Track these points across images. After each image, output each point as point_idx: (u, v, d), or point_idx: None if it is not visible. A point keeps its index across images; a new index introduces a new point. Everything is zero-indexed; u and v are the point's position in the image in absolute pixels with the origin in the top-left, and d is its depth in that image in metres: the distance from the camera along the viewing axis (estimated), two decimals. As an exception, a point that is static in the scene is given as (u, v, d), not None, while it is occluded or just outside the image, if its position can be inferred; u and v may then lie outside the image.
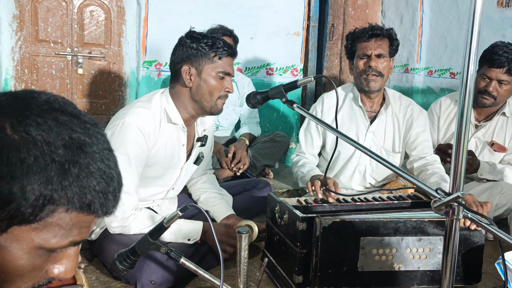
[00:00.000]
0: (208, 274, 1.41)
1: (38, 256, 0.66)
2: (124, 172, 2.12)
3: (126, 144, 1.86)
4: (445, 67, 3.93)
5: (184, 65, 1.93)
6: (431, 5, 4.04)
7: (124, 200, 1.87)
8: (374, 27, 2.43)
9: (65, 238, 0.66)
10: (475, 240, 1.83)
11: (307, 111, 1.58)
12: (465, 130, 1.13)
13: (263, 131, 3.75)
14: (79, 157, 0.64)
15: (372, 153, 1.38)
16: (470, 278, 1.85)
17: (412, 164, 2.53)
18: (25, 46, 3.38)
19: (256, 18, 3.96)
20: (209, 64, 1.92)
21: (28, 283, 0.68)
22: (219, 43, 1.92)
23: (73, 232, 0.66)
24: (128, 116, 1.88)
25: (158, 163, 2.00)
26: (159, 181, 2.08)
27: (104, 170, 0.67)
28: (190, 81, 1.94)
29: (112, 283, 1.87)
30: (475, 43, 1.09)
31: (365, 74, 2.42)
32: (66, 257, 0.70)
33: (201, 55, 1.91)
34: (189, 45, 1.93)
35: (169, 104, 1.98)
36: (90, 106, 3.65)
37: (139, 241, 1.43)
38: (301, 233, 1.69)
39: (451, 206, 1.15)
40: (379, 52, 2.41)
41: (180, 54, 1.95)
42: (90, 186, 0.65)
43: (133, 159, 1.87)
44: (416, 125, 2.53)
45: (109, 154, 0.69)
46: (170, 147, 2.01)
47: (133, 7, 3.63)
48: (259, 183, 2.68)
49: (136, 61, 3.69)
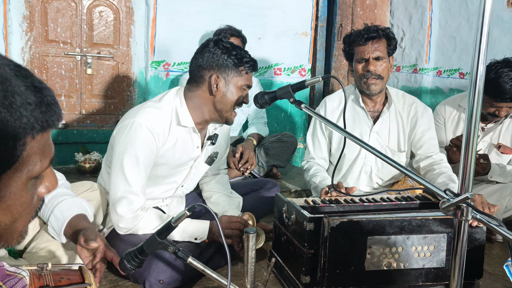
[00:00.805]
0: (216, 273, 1.42)
1: (31, 186, 0.74)
2: (132, 173, 2.12)
3: (135, 144, 1.87)
4: (454, 67, 3.91)
5: (214, 74, 1.95)
6: (440, 5, 4.02)
7: (131, 200, 1.89)
8: (369, 29, 2.39)
9: (44, 160, 0.73)
10: (477, 237, 1.85)
11: (315, 111, 1.58)
12: (474, 131, 1.13)
13: (271, 131, 3.75)
14: (11, 87, 0.67)
15: (378, 152, 1.38)
16: (472, 274, 1.87)
17: (418, 163, 2.52)
18: (35, 46, 3.41)
19: (264, 18, 3.96)
20: (237, 77, 1.96)
21: (32, 213, 0.77)
22: (247, 57, 1.98)
23: (46, 152, 0.73)
24: (138, 116, 1.89)
25: (167, 163, 2.01)
26: (168, 179, 2.09)
27: (35, 85, 0.71)
28: (217, 90, 1.96)
29: (120, 282, 1.88)
30: (485, 43, 1.08)
31: (364, 78, 2.40)
32: (47, 176, 0.78)
33: (231, 67, 1.95)
34: (219, 55, 1.95)
35: (182, 106, 1.99)
36: (98, 106, 3.67)
37: (147, 241, 1.43)
38: (309, 234, 1.69)
39: (459, 207, 1.14)
40: (377, 55, 2.38)
41: (210, 61, 1.95)
42: (36, 105, 0.69)
43: (142, 160, 1.88)
44: (421, 123, 2.51)
45: (26, 72, 0.73)
46: (182, 149, 2.01)
47: (142, 8, 3.65)
48: (266, 183, 2.68)
49: (145, 61, 3.71)
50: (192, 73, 2.00)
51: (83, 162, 3.26)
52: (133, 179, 1.88)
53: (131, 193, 1.88)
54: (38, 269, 1.21)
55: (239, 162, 3.07)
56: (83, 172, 3.26)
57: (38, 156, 0.71)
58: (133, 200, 1.88)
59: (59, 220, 1.62)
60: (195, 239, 1.99)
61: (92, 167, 3.27)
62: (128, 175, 1.87)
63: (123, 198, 1.88)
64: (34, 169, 0.71)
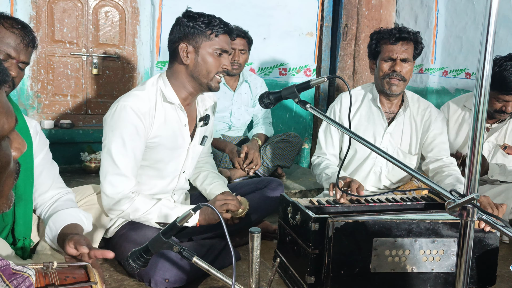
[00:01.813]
0: (220, 273, 1.42)
1: (5, 147, 0.77)
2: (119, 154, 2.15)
3: (120, 126, 1.88)
4: (460, 68, 3.89)
5: (181, 43, 1.96)
6: (446, 5, 4.00)
7: (119, 181, 1.89)
8: (401, 30, 2.38)
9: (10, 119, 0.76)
10: (490, 242, 1.82)
11: (320, 111, 1.57)
12: (480, 131, 1.12)
13: (276, 131, 3.75)
14: None
15: (387, 155, 1.37)
16: (485, 280, 1.84)
17: (427, 165, 2.51)
18: (42, 46, 3.43)
19: (270, 18, 3.96)
20: (206, 42, 1.95)
21: (13, 175, 0.82)
22: (215, 21, 1.95)
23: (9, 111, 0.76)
24: (123, 99, 1.92)
25: (161, 143, 2.01)
26: (168, 167, 2.09)
27: None
28: (187, 58, 1.96)
29: (126, 281, 1.89)
30: (491, 43, 1.08)
31: (388, 78, 2.40)
32: (14, 139, 0.81)
33: (198, 33, 1.94)
34: (185, 23, 1.96)
35: (166, 85, 2.01)
36: (104, 106, 3.68)
37: (152, 240, 1.44)
38: (314, 234, 1.69)
39: (465, 207, 1.14)
40: (404, 57, 2.37)
41: (177, 33, 1.97)
42: None
43: (128, 142, 1.89)
44: (433, 127, 2.51)
45: None
46: (171, 128, 2.02)
47: (147, 8, 3.66)
48: (271, 182, 2.67)
49: (150, 61, 3.72)
50: (169, 51, 2.03)
51: (88, 161, 3.28)
52: (121, 161, 1.89)
53: (119, 174, 1.89)
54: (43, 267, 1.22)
55: (244, 162, 3.08)
56: (89, 172, 3.28)
57: (3, 116, 0.74)
58: (121, 181, 1.89)
59: (52, 230, 1.64)
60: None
61: (97, 166, 3.28)
62: (116, 157, 1.89)
63: (112, 180, 1.89)
64: (3, 129, 0.74)
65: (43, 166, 1.74)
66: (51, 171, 1.79)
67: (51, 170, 1.80)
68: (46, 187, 1.75)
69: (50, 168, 1.79)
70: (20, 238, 1.64)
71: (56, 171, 1.83)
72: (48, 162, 1.78)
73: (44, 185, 1.74)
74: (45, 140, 1.79)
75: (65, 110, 3.58)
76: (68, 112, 3.59)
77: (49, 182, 1.77)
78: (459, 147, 2.86)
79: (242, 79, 3.40)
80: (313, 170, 2.63)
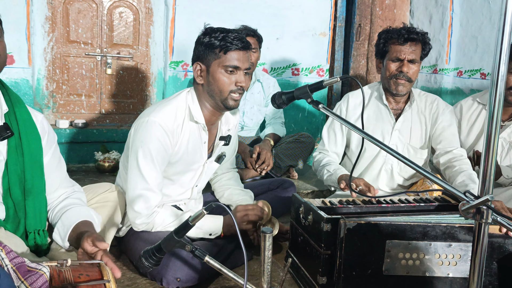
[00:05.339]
0: (232, 273, 1.42)
1: None
2: (148, 169, 2.15)
3: (149, 142, 1.89)
4: (475, 68, 3.84)
5: (196, 63, 1.97)
6: (461, 4, 3.95)
7: (148, 197, 1.91)
8: (410, 31, 2.36)
9: None
10: (510, 248, 1.75)
11: (333, 112, 1.57)
12: (495, 132, 1.11)
13: (288, 131, 3.74)
14: None
15: (397, 154, 1.36)
16: (505, 286, 1.79)
17: (438, 158, 2.49)
18: (57, 47, 3.47)
19: (284, 18, 3.96)
20: (215, 60, 1.93)
21: None
22: (228, 37, 1.90)
23: None
24: (153, 114, 1.92)
25: (181, 159, 2.03)
26: (183, 178, 2.10)
27: None
28: (201, 78, 1.97)
29: (138, 280, 1.90)
30: (506, 43, 1.06)
31: (395, 78, 2.39)
32: None
33: (208, 51, 1.93)
34: (200, 42, 1.96)
35: (194, 103, 2.01)
36: (118, 105, 3.72)
37: (164, 239, 1.45)
38: (326, 234, 1.68)
39: (479, 209, 1.13)
40: (412, 58, 2.36)
41: (195, 52, 2.00)
42: None
43: (156, 157, 1.91)
44: (442, 119, 2.50)
45: None
46: (192, 144, 2.03)
47: (161, 8, 3.68)
48: (283, 183, 2.67)
49: (163, 61, 3.74)
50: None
51: (102, 161, 3.31)
52: (150, 176, 1.90)
53: (148, 190, 1.90)
54: (58, 265, 1.23)
55: (256, 163, 3.08)
56: (103, 171, 3.31)
57: None
58: (150, 197, 1.90)
59: (65, 226, 1.62)
60: (210, 235, 2.00)
61: (111, 166, 3.31)
62: (145, 172, 1.89)
63: (141, 195, 1.90)
64: None
65: (52, 165, 1.72)
66: (59, 170, 1.77)
67: (60, 168, 1.77)
68: (54, 187, 1.73)
69: (58, 167, 1.76)
70: (31, 231, 1.62)
71: (64, 169, 1.81)
72: (57, 160, 1.75)
73: (52, 185, 1.72)
74: (53, 136, 1.75)
75: (80, 110, 3.62)
76: (83, 112, 3.63)
77: (58, 181, 1.75)
78: (470, 146, 2.82)
79: (255, 78, 3.40)
80: (313, 165, 2.63)
